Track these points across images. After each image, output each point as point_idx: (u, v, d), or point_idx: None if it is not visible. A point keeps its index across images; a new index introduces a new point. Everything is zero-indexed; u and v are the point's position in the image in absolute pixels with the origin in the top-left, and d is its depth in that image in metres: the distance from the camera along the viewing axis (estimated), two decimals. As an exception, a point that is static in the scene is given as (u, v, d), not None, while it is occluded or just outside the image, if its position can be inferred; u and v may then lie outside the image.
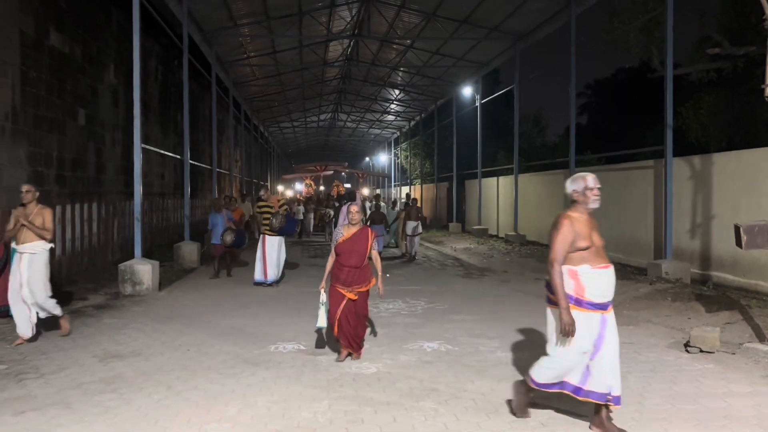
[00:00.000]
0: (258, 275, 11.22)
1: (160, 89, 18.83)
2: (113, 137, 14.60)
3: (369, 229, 6.45)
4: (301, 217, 22.63)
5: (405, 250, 16.57)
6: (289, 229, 11.45)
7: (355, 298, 6.26)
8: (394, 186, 48.68)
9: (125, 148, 14.97)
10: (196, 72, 20.57)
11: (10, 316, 8.30)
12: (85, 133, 13.00)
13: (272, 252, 11.23)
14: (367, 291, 6.37)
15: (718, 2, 15.36)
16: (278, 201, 11.89)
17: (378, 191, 41.90)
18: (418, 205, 17.66)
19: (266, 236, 11.22)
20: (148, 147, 13.74)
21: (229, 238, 12.03)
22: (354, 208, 6.37)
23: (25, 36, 10.49)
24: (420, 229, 16.42)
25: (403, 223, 16.75)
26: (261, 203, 11.75)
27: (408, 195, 23.71)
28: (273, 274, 11.25)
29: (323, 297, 6.45)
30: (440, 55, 23.35)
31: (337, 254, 6.31)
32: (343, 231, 6.36)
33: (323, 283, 6.52)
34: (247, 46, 22.13)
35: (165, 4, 14.94)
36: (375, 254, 6.48)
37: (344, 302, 6.20)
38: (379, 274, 6.43)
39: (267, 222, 11.16)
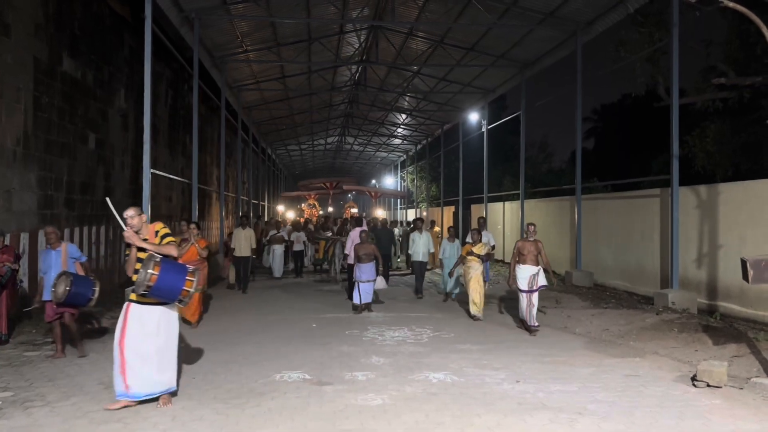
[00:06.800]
0: (118, 385, 5.59)
1: (170, 113, 19.03)
2: (122, 161, 14.74)
3: None
4: (301, 246, 18.43)
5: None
6: (165, 289, 5.54)
7: None
8: (400, 209, 48.53)
9: (134, 172, 15.10)
10: (206, 96, 20.82)
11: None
12: (94, 157, 13.14)
13: (137, 337, 5.62)
14: None
15: (723, 32, 15.48)
16: (155, 230, 5.87)
17: (383, 213, 40.68)
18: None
19: (131, 305, 5.72)
20: (156, 172, 13.81)
21: (61, 288, 7.07)
22: None
23: (38, 62, 10.67)
24: (543, 280, 9.58)
25: (512, 266, 9.78)
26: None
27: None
28: (146, 381, 5.60)
29: None
30: (447, 82, 23.58)
31: None
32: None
33: None
34: (257, 71, 22.40)
35: (176, 29, 15.19)
36: None
37: None
38: None
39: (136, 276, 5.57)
